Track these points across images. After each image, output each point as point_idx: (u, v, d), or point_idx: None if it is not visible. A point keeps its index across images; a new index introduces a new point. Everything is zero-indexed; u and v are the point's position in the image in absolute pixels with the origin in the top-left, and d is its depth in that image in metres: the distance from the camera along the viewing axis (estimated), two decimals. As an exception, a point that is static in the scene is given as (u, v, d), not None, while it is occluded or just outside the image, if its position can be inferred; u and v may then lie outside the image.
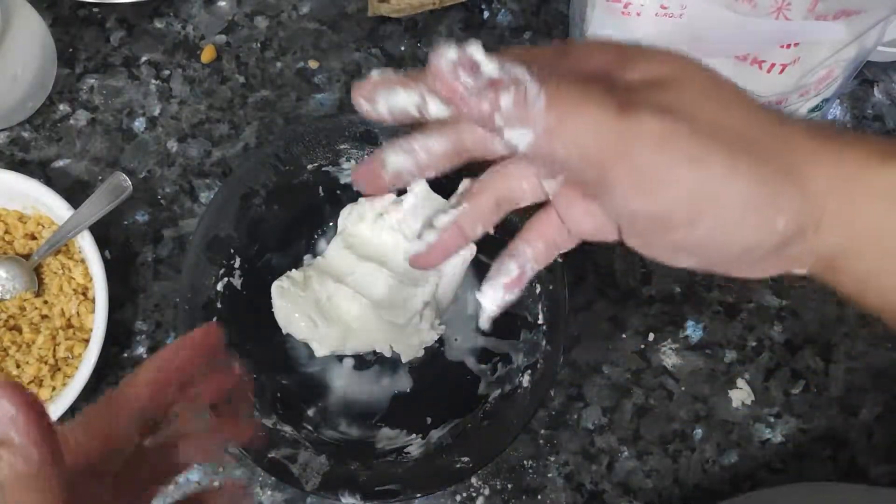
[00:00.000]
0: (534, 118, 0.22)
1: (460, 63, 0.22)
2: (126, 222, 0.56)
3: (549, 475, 0.52)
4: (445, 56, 0.22)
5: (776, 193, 0.24)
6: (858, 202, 0.24)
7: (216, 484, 0.25)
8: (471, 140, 0.27)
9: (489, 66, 0.22)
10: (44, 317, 0.52)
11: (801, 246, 0.25)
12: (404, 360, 0.51)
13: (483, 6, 0.58)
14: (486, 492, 0.52)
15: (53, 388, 0.50)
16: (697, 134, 0.23)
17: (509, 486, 0.52)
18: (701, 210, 0.23)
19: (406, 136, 0.27)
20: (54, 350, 0.50)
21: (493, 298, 0.29)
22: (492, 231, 0.30)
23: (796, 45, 0.41)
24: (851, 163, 0.24)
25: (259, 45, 0.58)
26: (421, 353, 0.51)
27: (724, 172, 0.23)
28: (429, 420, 0.51)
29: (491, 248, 0.34)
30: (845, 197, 0.24)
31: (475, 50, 0.22)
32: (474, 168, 0.30)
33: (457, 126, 0.27)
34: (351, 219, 0.52)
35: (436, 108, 0.24)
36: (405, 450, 0.49)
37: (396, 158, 0.27)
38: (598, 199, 0.26)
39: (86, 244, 0.50)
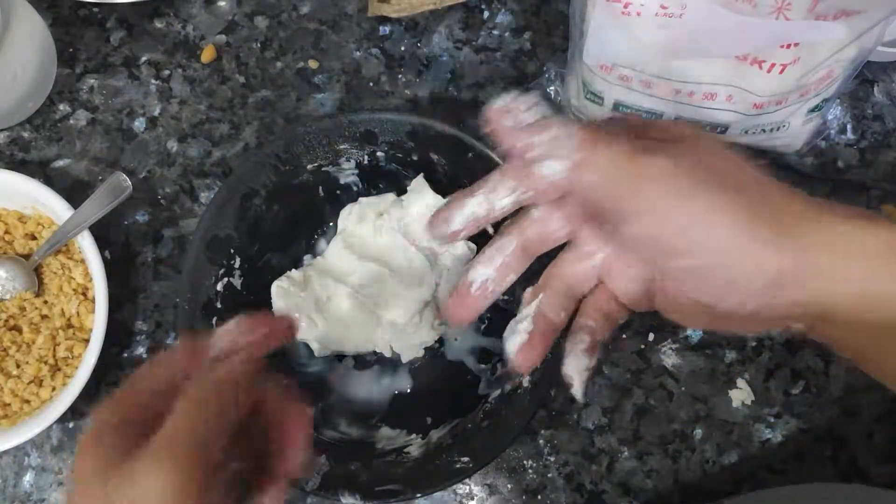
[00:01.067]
0: (568, 153, 0.28)
1: (506, 109, 0.29)
2: (126, 222, 0.56)
3: (549, 475, 0.52)
4: (495, 104, 0.30)
5: (761, 234, 0.27)
6: (851, 260, 0.26)
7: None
8: (534, 234, 0.32)
9: (529, 112, 0.29)
10: (44, 317, 0.52)
11: (793, 295, 0.27)
12: (404, 360, 0.51)
13: (483, 6, 0.58)
14: (486, 492, 0.52)
15: (53, 388, 0.50)
16: (692, 174, 0.27)
17: (509, 486, 0.52)
18: (694, 239, 0.27)
19: (483, 253, 0.33)
20: (54, 350, 0.50)
21: (577, 367, 0.32)
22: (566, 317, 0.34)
23: (796, 45, 0.41)
24: (845, 222, 0.27)
25: (259, 45, 0.58)
26: (421, 353, 0.51)
27: (707, 207, 0.27)
28: (429, 420, 0.51)
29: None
30: (838, 254, 0.26)
31: (523, 100, 0.29)
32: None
33: (521, 226, 0.32)
34: (351, 219, 0.52)
35: (500, 204, 0.31)
36: (405, 450, 0.49)
37: (482, 271, 0.32)
38: (617, 229, 0.29)
39: (86, 244, 0.50)
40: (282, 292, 0.51)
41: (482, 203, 0.31)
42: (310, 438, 0.31)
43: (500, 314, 0.32)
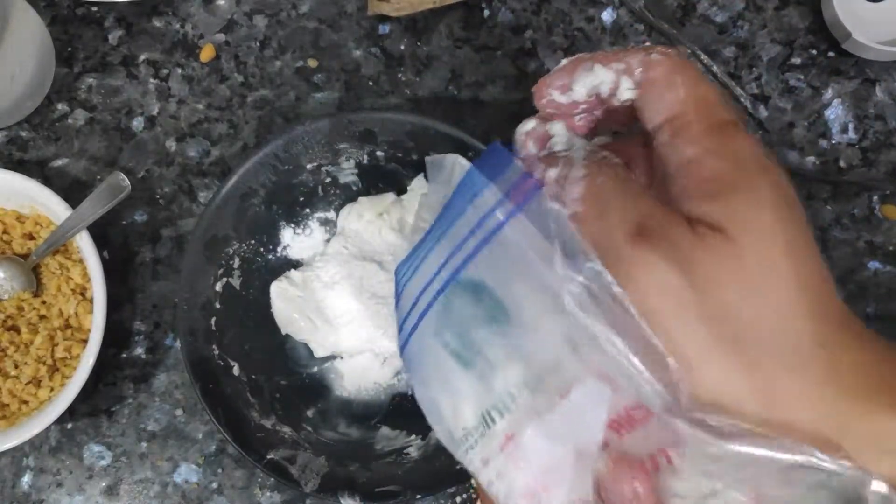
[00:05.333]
0: (566, 200, 0.23)
1: (531, 134, 0.25)
2: (124, 222, 0.56)
3: (550, 476, 0.52)
4: (522, 127, 0.26)
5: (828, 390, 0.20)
6: None
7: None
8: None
9: (555, 140, 0.25)
10: (42, 317, 0.52)
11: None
12: (404, 360, 0.51)
13: (483, 5, 0.58)
14: (487, 493, 0.52)
15: (52, 389, 0.50)
16: (697, 310, 0.20)
17: (509, 487, 0.52)
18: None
19: None
20: (52, 350, 0.50)
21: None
22: None
23: None
24: None
25: (258, 43, 0.58)
26: (421, 353, 0.51)
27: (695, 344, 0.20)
28: (429, 421, 0.51)
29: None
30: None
31: (551, 126, 0.25)
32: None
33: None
34: (351, 218, 0.52)
35: (625, 92, 0.24)
36: (405, 451, 0.49)
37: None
38: None
39: (84, 244, 0.50)
40: (281, 292, 0.51)
41: (611, 78, 0.24)
42: None
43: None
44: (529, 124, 0.26)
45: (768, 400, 0.19)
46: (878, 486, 0.20)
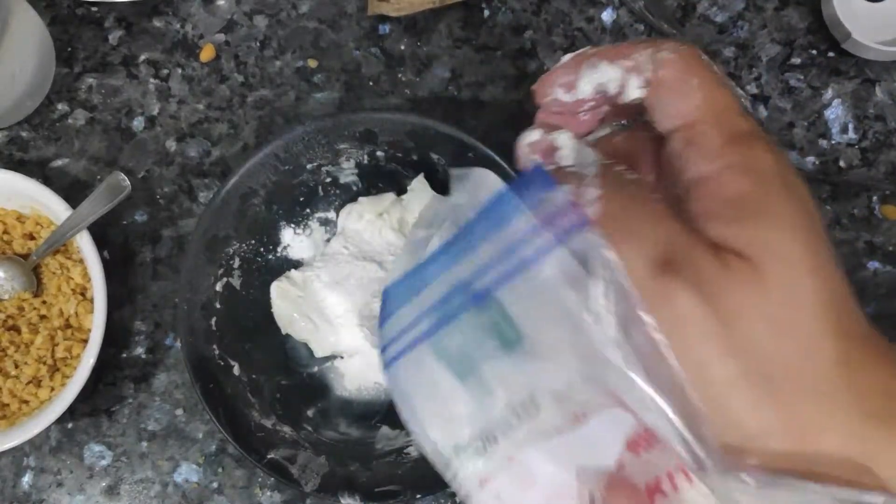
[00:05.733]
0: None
1: (535, 146, 0.23)
2: (125, 222, 0.56)
3: (550, 476, 0.52)
4: (525, 138, 0.24)
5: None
6: None
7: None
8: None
9: (562, 153, 0.23)
10: (42, 317, 0.52)
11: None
12: (404, 360, 0.51)
13: (483, 5, 0.58)
14: (486, 492, 0.52)
15: (52, 389, 0.50)
16: (723, 343, 0.19)
17: (509, 486, 0.52)
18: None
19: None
20: (53, 350, 0.50)
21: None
22: None
23: None
24: None
25: (258, 43, 0.58)
26: (421, 353, 0.51)
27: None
28: (429, 421, 0.51)
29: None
30: None
31: (557, 138, 0.23)
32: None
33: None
34: (351, 218, 0.52)
35: (633, 91, 0.23)
36: (405, 450, 0.49)
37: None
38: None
39: (84, 244, 0.50)
40: (281, 292, 0.51)
41: (618, 75, 0.22)
42: None
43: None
44: (533, 135, 0.23)
45: (795, 430, 0.19)
46: None
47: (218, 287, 0.50)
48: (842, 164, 0.55)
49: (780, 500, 0.19)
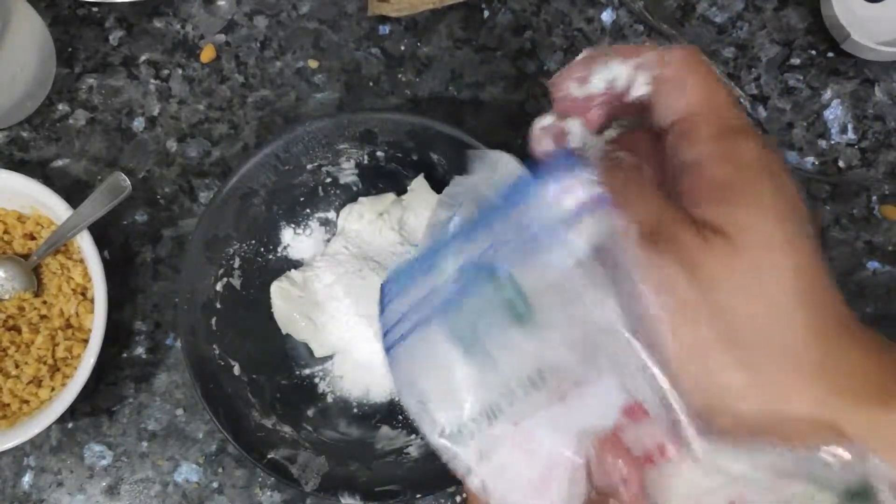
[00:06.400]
0: None
1: (548, 130, 0.25)
2: (125, 222, 0.56)
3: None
4: (539, 122, 0.25)
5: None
6: None
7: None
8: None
9: (571, 137, 0.25)
10: (43, 317, 0.52)
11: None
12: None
13: (483, 5, 0.58)
14: (486, 492, 0.52)
15: (52, 389, 0.50)
16: (699, 309, 0.20)
17: (509, 486, 0.52)
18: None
19: None
20: (53, 350, 0.50)
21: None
22: None
23: None
24: None
25: (258, 44, 0.58)
26: (421, 353, 0.51)
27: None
28: (429, 420, 0.51)
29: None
30: None
31: (567, 123, 0.25)
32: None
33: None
34: (351, 218, 0.52)
35: (639, 88, 0.25)
36: (405, 450, 0.49)
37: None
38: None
39: (85, 244, 0.50)
40: (281, 292, 0.51)
41: (626, 73, 0.24)
42: None
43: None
44: (547, 119, 0.25)
45: (765, 394, 0.20)
46: (889, 471, 0.20)
47: (218, 287, 0.50)
48: (841, 164, 0.55)
49: (760, 463, 0.20)
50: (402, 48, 0.58)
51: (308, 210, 0.54)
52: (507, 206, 0.24)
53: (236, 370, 0.50)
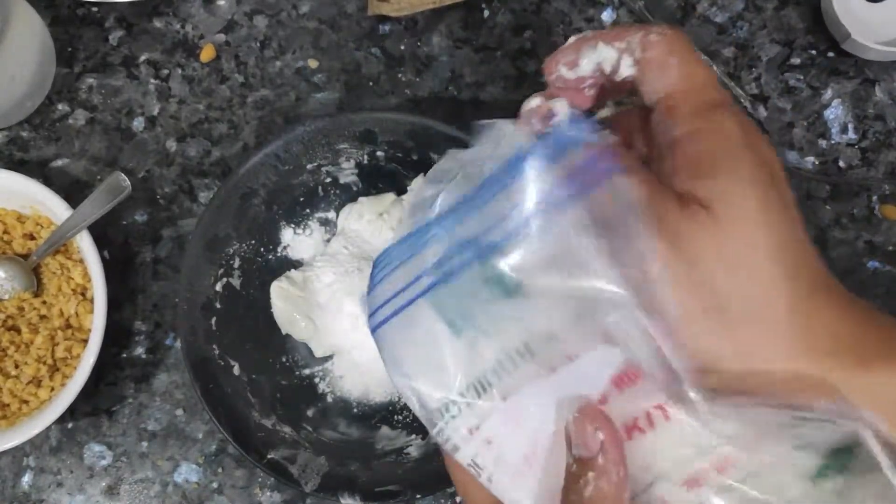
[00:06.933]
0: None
1: (535, 111, 0.25)
2: (125, 222, 0.56)
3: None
4: (528, 104, 0.26)
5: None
6: None
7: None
8: None
9: (558, 118, 0.25)
10: (42, 317, 0.52)
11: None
12: (404, 360, 0.51)
13: (483, 5, 0.58)
14: (487, 492, 0.52)
15: (52, 389, 0.50)
16: (684, 279, 0.21)
17: (509, 486, 0.52)
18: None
19: None
20: (53, 350, 0.50)
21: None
22: None
23: None
24: None
25: (258, 44, 0.58)
26: (421, 353, 0.51)
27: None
28: (429, 420, 0.51)
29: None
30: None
31: (555, 104, 0.25)
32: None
33: None
34: (351, 218, 0.52)
35: (625, 69, 0.25)
36: (405, 450, 0.49)
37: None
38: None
39: (85, 244, 0.50)
40: (281, 292, 0.51)
41: (613, 56, 0.25)
42: None
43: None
44: (534, 101, 0.26)
45: (751, 357, 0.21)
46: (874, 420, 0.21)
47: (218, 287, 0.50)
48: (841, 164, 0.55)
49: (748, 421, 0.21)
50: (402, 48, 0.58)
51: (308, 210, 0.54)
52: (505, 179, 0.23)
53: (236, 370, 0.50)
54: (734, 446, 0.21)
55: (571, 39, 0.27)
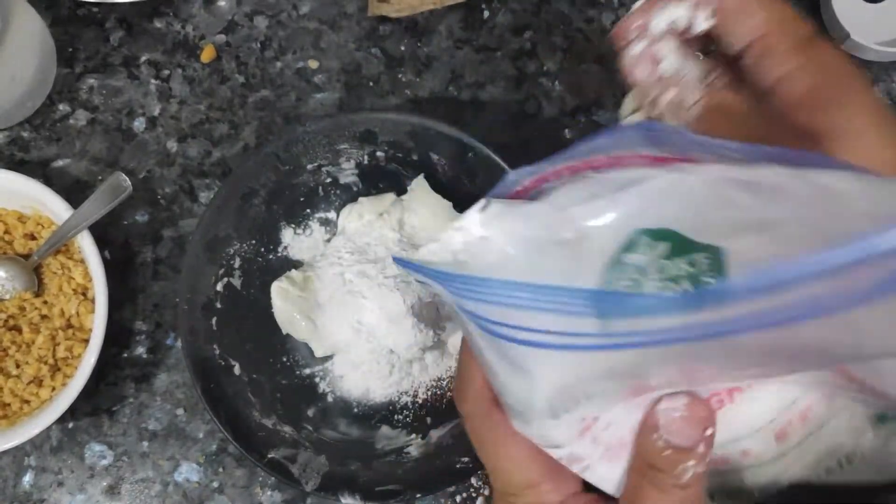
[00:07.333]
0: (686, 120, 0.26)
1: (641, 57, 0.26)
2: (126, 222, 0.56)
3: (550, 475, 0.52)
4: (630, 51, 0.26)
5: None
6: None
7: None
8: None
9: (665, 64, 0.26)
10: (43, 317, 0.52)
11: None
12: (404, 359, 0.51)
13: (483, 6, 0.58)
14: (486, 492, 0.52)
15: (53, 389, 0.50)
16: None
17: (509, 486, 0.52)
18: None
19: None
20: (54, 350, 0.50)
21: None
22: None
23: None
24: None
25: (259, 44, 0.58)
26: (420, 353, 0.51)
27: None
28: (429, 420, 0.51)
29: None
30: None
31: (660, 49, 0.26)
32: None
33: None
34: (351, 219, 0.52)
35: (701, 22, 0.26)
36: (405, 450, 0.49)
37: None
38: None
39: (85, 244, 0.50)
40: (282, 292, 0.51)
41: (684, 13, 0.26)
42: None
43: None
44: (637, 47, 0.26)
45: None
46: None
47: (218, 287, 0.50)
48: (841, 164, 0.55)
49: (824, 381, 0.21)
50: (402, 48, 0.58)
51: (308, 210, 0.54)
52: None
53: (236, 370, 0.50)
54: (810, 399, 0.22)
55: (637, 3, 0.27)
